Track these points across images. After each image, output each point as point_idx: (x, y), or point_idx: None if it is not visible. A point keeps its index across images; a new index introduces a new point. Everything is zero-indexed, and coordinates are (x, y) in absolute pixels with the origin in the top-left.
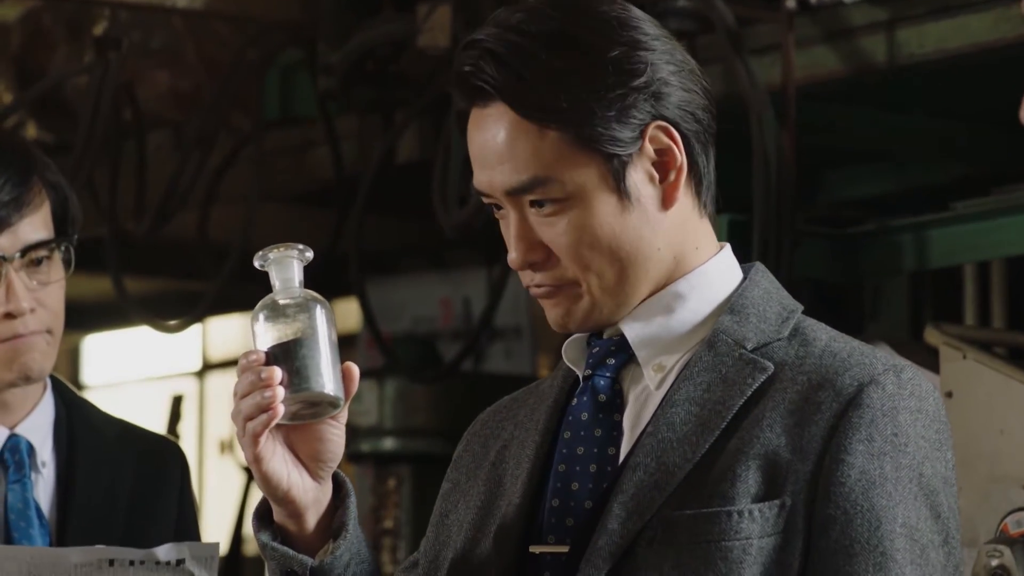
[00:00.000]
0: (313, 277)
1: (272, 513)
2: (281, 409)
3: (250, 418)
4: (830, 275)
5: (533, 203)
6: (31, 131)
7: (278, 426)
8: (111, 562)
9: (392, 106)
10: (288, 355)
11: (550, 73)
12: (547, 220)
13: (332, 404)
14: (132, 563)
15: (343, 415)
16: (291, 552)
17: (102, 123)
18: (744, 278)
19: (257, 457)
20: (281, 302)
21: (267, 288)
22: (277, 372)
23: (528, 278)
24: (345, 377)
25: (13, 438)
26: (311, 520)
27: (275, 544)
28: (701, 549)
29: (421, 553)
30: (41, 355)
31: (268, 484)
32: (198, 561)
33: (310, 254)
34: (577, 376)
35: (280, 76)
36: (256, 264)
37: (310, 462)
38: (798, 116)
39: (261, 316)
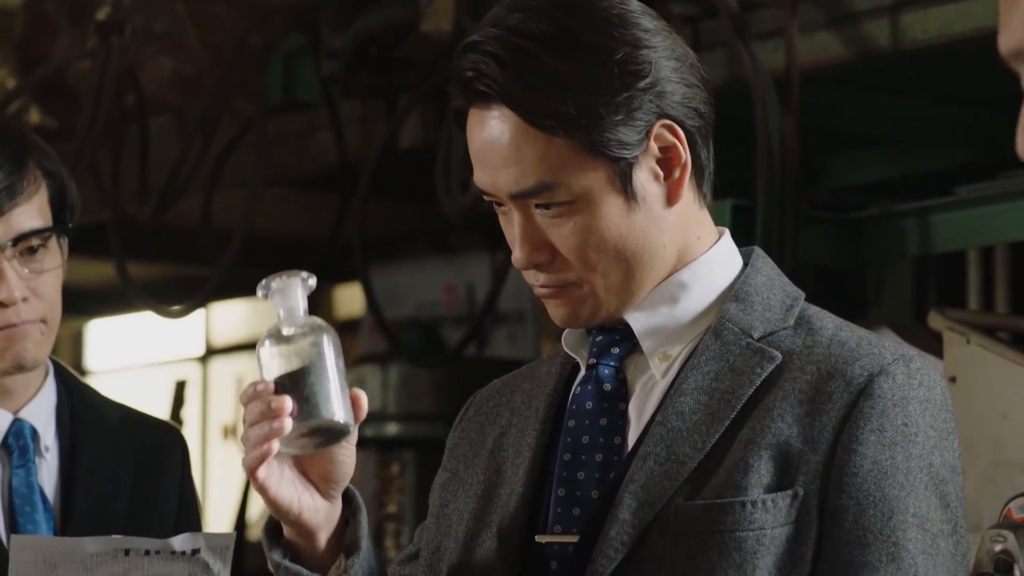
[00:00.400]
0: (317, 263)
1: (281, 529)
2: (276, 446)
3: (256, 447)
4: (834, 260)
5: (538, 205)
6: (34, 116)
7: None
8: (126, 552)
9: (395, 91)
10: (296, 384)
11: (555, 78)
12: (553, 221)
13: (342, 432)
14: (147, 553)
15: (353, 436)
16: (304, 572)
17: (105, 108)
18: (745, 264)
19: (262, 486)
20: (286, 331)
21: (270, 272)
22: (287, 402)
23: (532, 277)
24: (353, 403)
25: (17, 423)
26: (322, 538)
27: (287, 563)
28: (715, 539)
29: (422, 545)
30: (34, 344)
31: (279, 510)
32: (213, 551)
33: (313, 281)
34: (575, 363)
35: (283, 61)
36: (259, 295)
37: (321, 483)
38: (802, 101)
39: (267, 344)
